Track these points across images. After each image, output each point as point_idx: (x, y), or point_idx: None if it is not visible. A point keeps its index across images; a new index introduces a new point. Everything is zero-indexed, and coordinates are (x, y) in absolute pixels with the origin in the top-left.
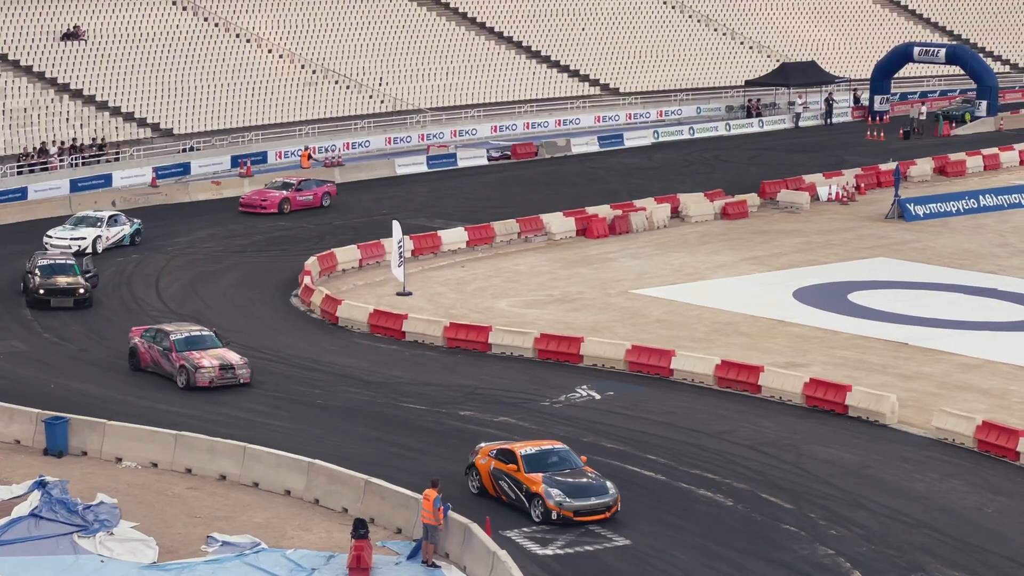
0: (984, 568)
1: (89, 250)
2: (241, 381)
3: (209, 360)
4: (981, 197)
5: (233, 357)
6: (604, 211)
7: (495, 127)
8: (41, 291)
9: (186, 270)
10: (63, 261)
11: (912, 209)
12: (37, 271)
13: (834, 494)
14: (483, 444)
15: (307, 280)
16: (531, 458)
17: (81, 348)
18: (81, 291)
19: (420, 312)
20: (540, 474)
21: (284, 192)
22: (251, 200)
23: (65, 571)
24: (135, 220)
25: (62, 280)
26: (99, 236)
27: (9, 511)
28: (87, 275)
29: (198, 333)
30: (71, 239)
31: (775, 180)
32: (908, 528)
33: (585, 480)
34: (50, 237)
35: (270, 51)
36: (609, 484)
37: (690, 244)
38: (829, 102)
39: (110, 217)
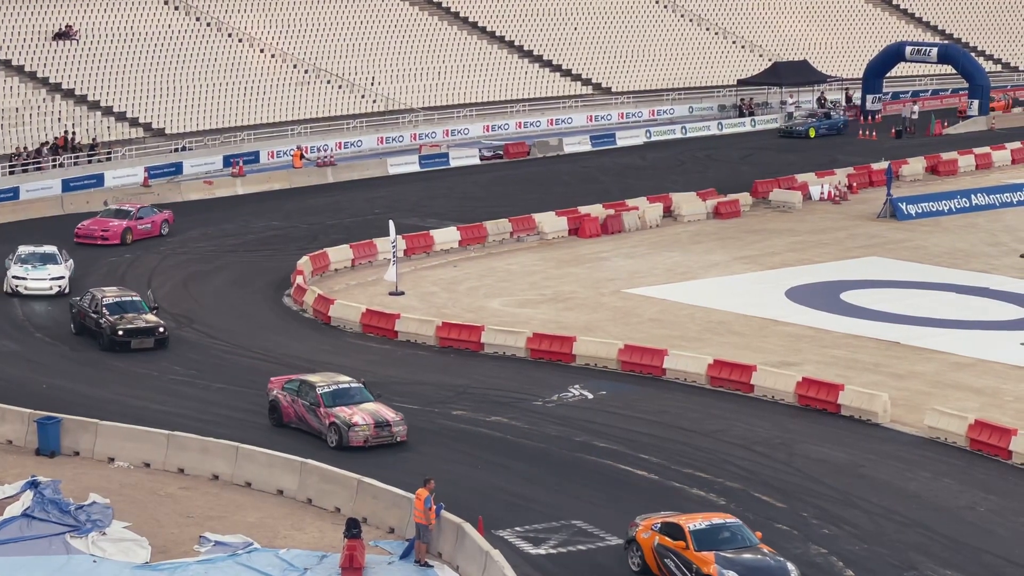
0: (976, 567)
1: (67, 289)
2: (398, 440)
3: (363, 417)
4: (973, 196)
5: (388, 413)
6: (596, 210)
7: (487, 127)
8: (120, 332)
9: (178, 270)
10: (129, 298)
11: (904, 208)
12: (105, 310)
13: (826, 493)
14: (644, 517)
15: (299, 280)
16: (701, 534)
17: (73, 348)
18: (161, 330)
19: (412, 312)
20: (712, 552)
21: (125, 221)
22: (89, 231)
23: (58, 571)
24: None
25: (140, 320)
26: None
27: (1, 511)
28: (154, 310)
29: (346, 385)
30: (51, 280)
31: (767, 179)
32: (900, 527)
33: (762, 559)
34: (21, 279)
35: (262, 51)
36: (790, 565)
37: (682, 243)
38: (821, 101)
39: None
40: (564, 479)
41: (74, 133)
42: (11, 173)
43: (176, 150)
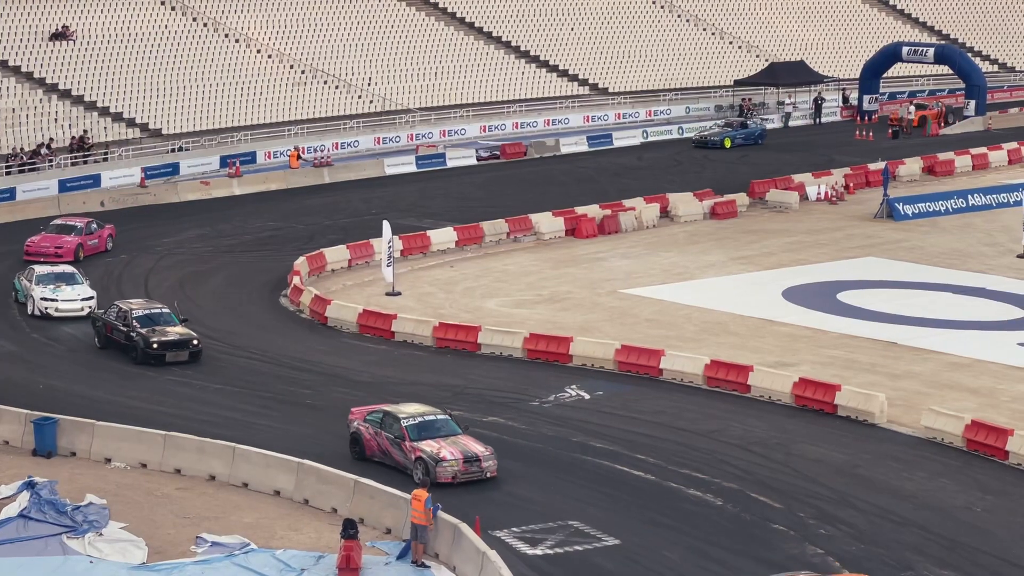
0: (973, 567)
1: (98, 308)
2: (488, 475)
3: (450, 451)
4: (970, 196)
5: (477, 447)
6: (593, 211)
7: (484, 127)
8: (155, 345)
9: (175, 270)
10: (158, 309)
11: (901, 208)
12: (135, 323)
13: (823, 493)
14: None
15: (296, 280)
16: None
17: (70, 349)
18: (195, 342)
19: (409, 312)
20: None
21: (78, 237)
22: (41, 248)
23: (54, 572)
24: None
25: (172, 331)
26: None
27: None
28: (184, 321)
29: (432, 417)
30: (81, 300)
31: (764, 180)
32: (897, 527)
33: None
34: (51, 301)
35: (259, 51)
36: None
37: (679, 244)
38: (818, 102)
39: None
40: (561, 480)
41: (86, 132)
42: (7, 173)
43: (173, 150)
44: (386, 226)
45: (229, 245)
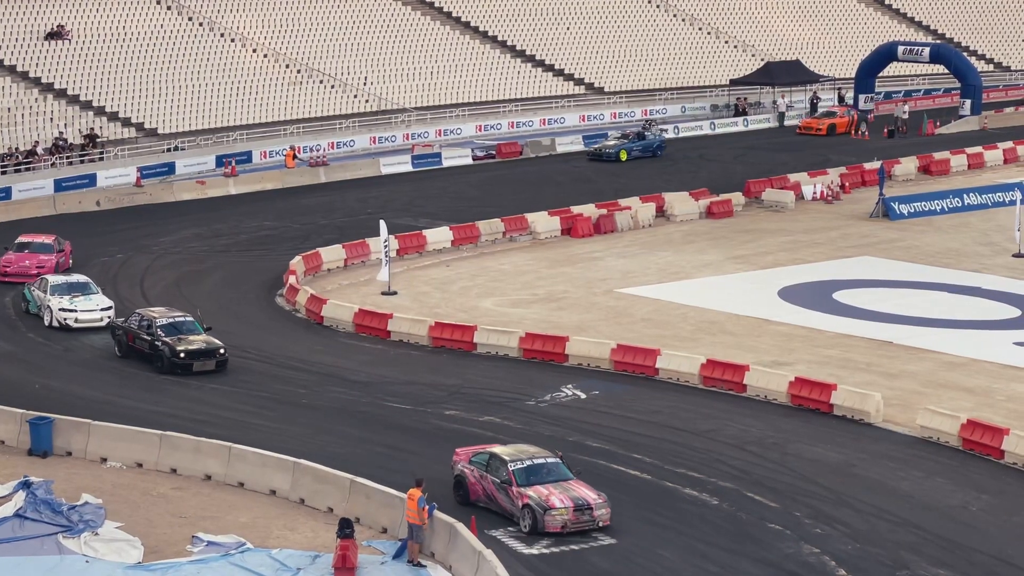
0: (969, 566)
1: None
2: (600, 524)
3: (560, 498)
4: (965, 196)
5: (589, 494)
6: (589, 210)
7: (480, 126)
8: (182, 355)
9: (171, 270)
10: (182, 318)
11: (897, 208)
12: (160, 332)
13: (819, 493)
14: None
15: (292, 280)
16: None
17: (66, 348)
18: (222, 351)
19: (405, 312)
20: None
21: (55, 255)
22: (22, 268)
23: (50, 571)
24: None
25: (198, 340)
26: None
27: None
28: (208, 330)
29: (542, 460)
30: (101, 311)
31: (760, 179)
32: (893, 526)
33: None
34: (70, 312)
35: (254, 51)
36: None
37: (675, 243)
38: (814, 101)
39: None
40: None
41: (91, 130)
42: (3, 173)
43: (169, 150)
44: (383, 226)
45: (225, 245)
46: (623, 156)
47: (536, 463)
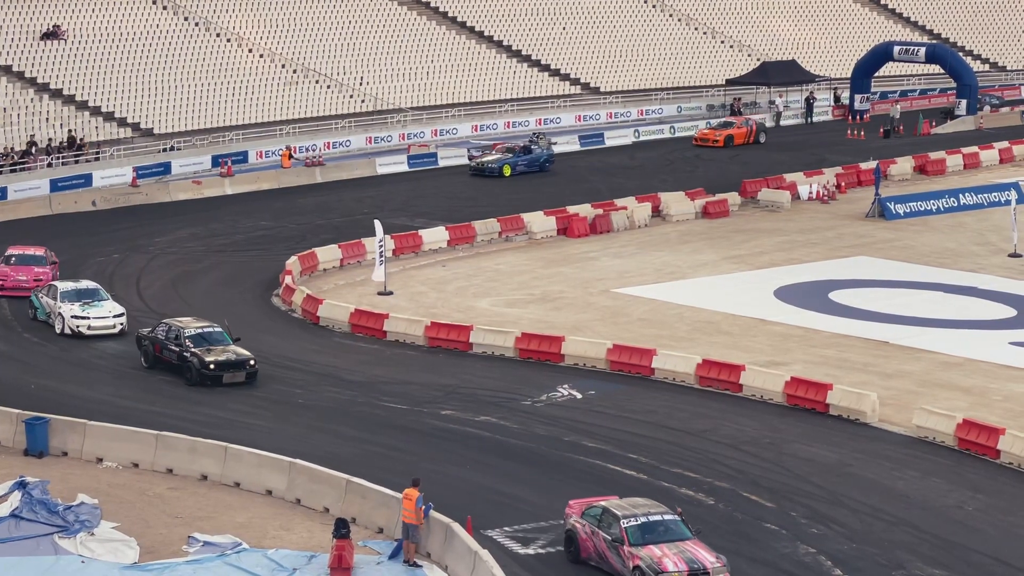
0: (964, 566)
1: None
2: None
3: (674, 560)
4: (961, 196)
5: (707, 556)
6: (585, 210)
7: (476, 126)
8: (212, 366)
9: (167, 270)
10: (211, 328)
11: (892, 208)
12: (188, 342)
13: (815, 492)
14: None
15: (288, 279)
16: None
17: (62, 348)
18: (252, 362)
19: (401, 311)
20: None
21: (50, 267)
22: (18, 283)
23: (46, 572)
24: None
25: (228, 352)
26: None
27: None
28: (237, 340)
29: (659, 517)
30: (113, 317)
31: (756, 179)
32: (889, 526)
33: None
34: (83, 319)
35: (250, 51)
36: None
37: (671, 243)
38: (810, 101)
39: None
40: (553, 479)
41: (72, 131)
42: None
43: (164, 150)
44: (378, 225)
45: (221, 245)
46: (506, 171)
47: (652, 520)
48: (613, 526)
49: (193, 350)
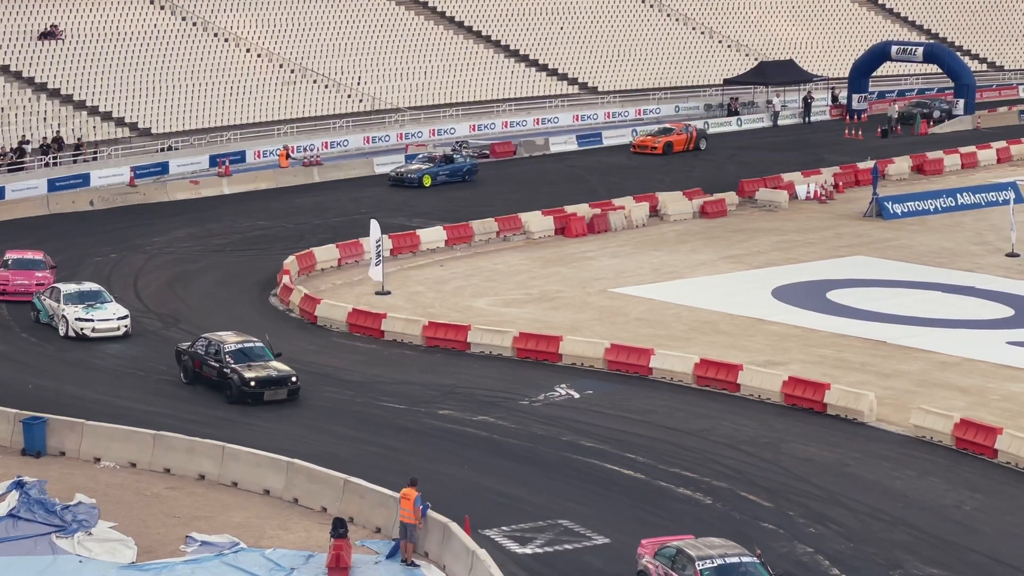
0: (962, 565)
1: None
2: None
3: None
4: (959, 195)
5: None
6: (583, 210)
7: (473, 126)
8: (252, 383)
9: (165, 270)
10: (252, 344)
11: (890, 207)
12: (228, 358)
13: (813, 492)
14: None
15: (286, 279)
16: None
17: (60, 348)
18: (294, 379)
19: (399, 311)
20: None
21: (50, 271)
22: (18, 287)
23: (43, 571)
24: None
25: (270, 368)
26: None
27: None
28: (278, 356)
29: (736, 559)
30: (117, 320)
31: (754, 179)
32: (887, 526)
33: None
34: (87, 321)
35: (248, 50)
36: None
37: (669, 243)
38: (807, 101)
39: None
40: (551, 479)
41: (58, 132)
42: None
43: (162, 150)
44: (374, 225)
45: (219, 244)
46: (427, 182)
47: (729, 563)
48: (687, 568)
49: (233, 366)
